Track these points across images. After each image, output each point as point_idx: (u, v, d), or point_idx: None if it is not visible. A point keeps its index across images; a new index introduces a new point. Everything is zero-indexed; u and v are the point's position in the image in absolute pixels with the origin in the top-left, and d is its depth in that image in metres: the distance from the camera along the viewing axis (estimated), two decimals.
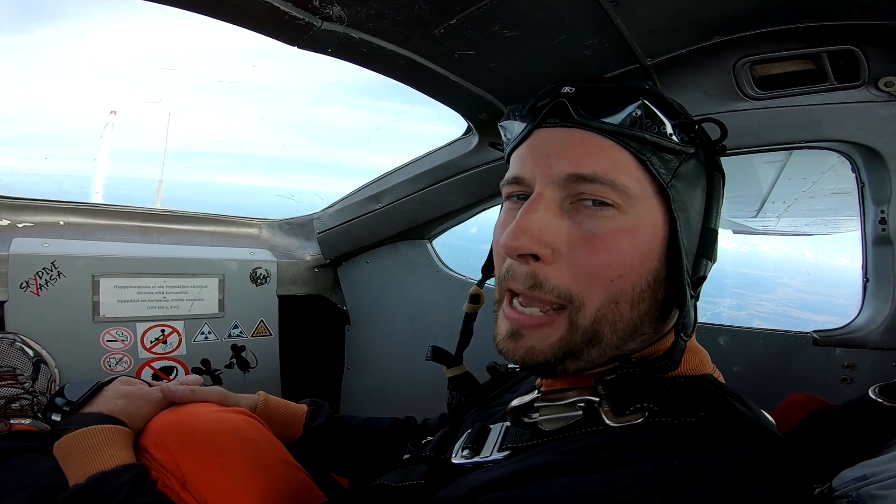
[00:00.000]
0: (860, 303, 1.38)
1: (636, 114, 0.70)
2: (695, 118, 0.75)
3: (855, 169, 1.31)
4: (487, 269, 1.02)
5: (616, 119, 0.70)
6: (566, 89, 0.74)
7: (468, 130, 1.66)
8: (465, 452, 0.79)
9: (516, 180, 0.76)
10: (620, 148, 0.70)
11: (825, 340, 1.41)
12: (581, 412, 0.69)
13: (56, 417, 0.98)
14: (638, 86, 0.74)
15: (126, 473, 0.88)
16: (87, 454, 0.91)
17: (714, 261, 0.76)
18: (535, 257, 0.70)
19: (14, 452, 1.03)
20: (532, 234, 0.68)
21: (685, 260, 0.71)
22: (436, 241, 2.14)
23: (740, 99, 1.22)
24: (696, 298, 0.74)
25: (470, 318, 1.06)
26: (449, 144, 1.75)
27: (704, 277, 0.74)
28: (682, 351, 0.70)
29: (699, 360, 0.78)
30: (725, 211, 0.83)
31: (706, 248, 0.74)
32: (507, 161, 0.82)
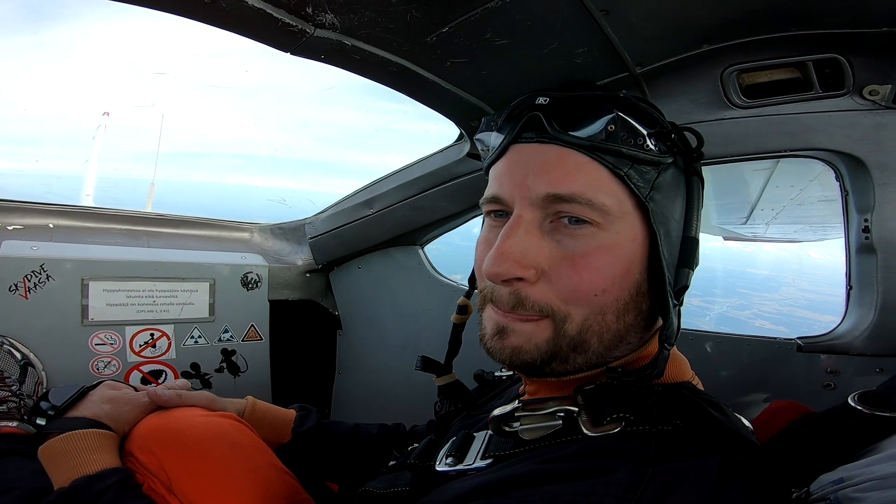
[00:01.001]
0: (843, 310, 1.40)
1: (610, 127, 0.70)
2: (672, 127, 0.75)
3: (839, 177, 1.33)
4: (474, 280, 1.02)
5: (591, 132, 0.70)
6: (540, 100, 0.74)
7: (460, 137, 1.66)
8: (449, 460, 0.79)
9: (495, 199, 0.76)
10: (597, 164, 0.70)
11: (809, 347, 1.43)
12: (560, 422, 0.70)
13: (41, 421, 0.97)
14: (614, 94, 0.73)
15: (110, 477, 0.88)
16: (71, 458, 0.90)
17: (695, 267, 0.77)
18: (520, 280, 0.70)
19: (1, 455, 1.02)
20: (514, 259, 0.69)
21: (667, 272, 0.72)
22: (437, 242, 2.14)
23: (727, 107, 1.23)
24: (680, 305, 0.75)
25: (458, 328, 1.07)
26: (441, 151, 1.76)
27: (687, 286, 0.75)
28: (665, 360, 0.71)
29: (678, 367, 0.79)
30: (715, 217, 0.84)
31: (687, 257, 0.75)
32: (486, 174, 0.82)
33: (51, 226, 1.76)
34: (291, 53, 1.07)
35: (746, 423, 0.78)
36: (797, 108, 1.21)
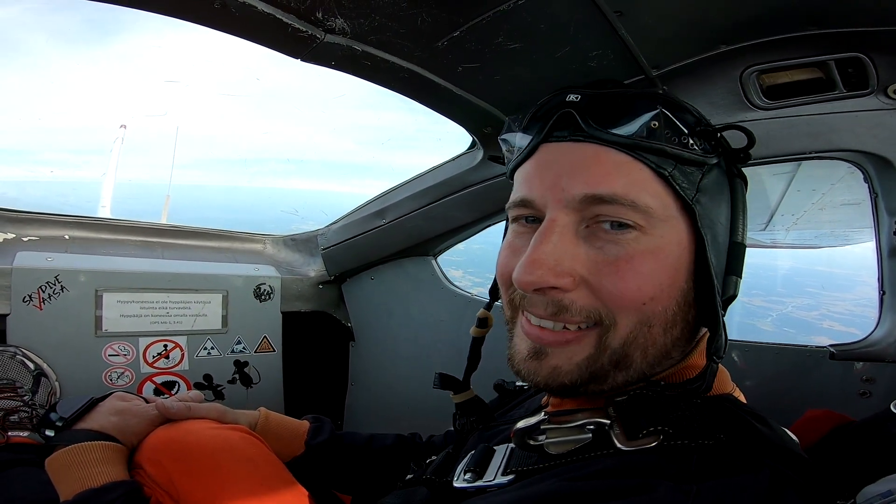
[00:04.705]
0: (877, 316, 1.35)
1: (653, 124, 0.65)
2: (717, 125, 0.70)
3: (867, 179, 1.28)
4: (495, 292, 0.98)
5: (631, 130, 0.65)
6: (571, 97, 0.69)
7: (473, 145, 1.65)
8: (468, 476, 0.75)
9: (524, 203, 0.71)
10: (639, 163, 0.65)
11: (842, 354, 1.37)
12: (590, 435, 0.65)
13: (50, 433, 0.96)
14: (652, 91, 0.70)
15: (116, 490, 0.86)
16: (77, 471, 0.89)
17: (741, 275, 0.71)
18: (554, 288, 0.66)
19: (9, 465, 1.02)
20: (548, 266, 0.64)
21: (716, 280, 0.66)
22: (471, 241, 2.11)
23: (748, 109, 1.20)
24: (724, 316, 0.69)
25: (478, 342, 1.02)
26: (454, 159, 1.75)
27: (735, 296, 0.68)
28: (714, 374, 0.66)
29: (719, 378, 0.73)
30: None
31: (735, 264, 0.69)
32: (510, 178, 0.77)
33: (66, 237, 1.77)
34: (302, 60, 1.07)
35: (793, 436, 0.73)
36: (821, 109, 1.17)
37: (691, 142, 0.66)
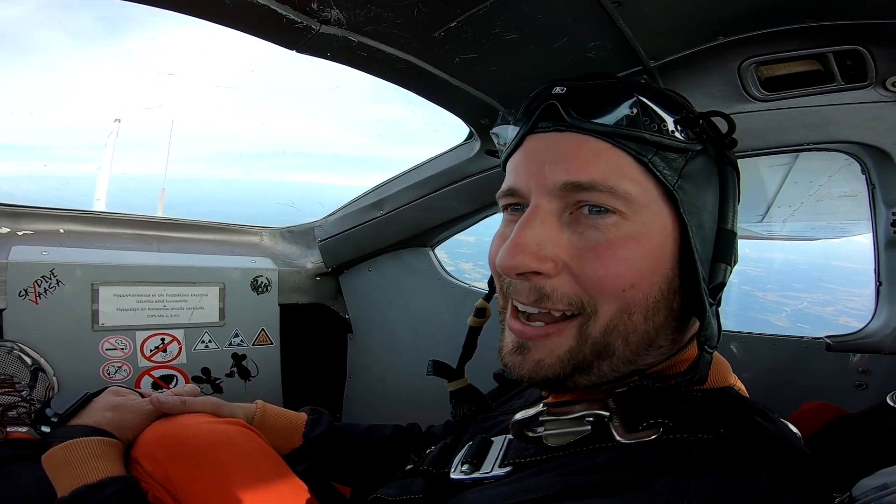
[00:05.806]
0: (873, 307, 1.35)
1: (632, 112, 0.66)
2: (700, 113, 0.70)
3: (865, 171, 1.28)
4: (493, 282, 0.99)
5: (611, 119, 0.66)
6: (557, 90, 0.70)
7: (470, 136, 1.64)
8: (465, 467, 0.75)
9: (511, 192, 0.72)
10: (619, 150, 0.66)
11: (839, 346, 1.38)
12: (589, 427, 0.65)
13: (45, 429, 0.96)
14: (634, 81, 0.69)
15: (111, 486, 0.86)
16: (73, 467, 0.89)
17: (734, 264, 0.71)
18: (537, 273, 0.66)
19: (7, 461, 1.01)
20: (530, 251, 0.65)
21: (700, 267, 0.66)
22: (483, 234, 2.10)
23: (746, 100, 1.19)
24: (718, 305, 0.69)
25: (474, 331, 1.03)
26: (451, 150, 1.74)
27: (724, 284, 0.69)
28: (707, 364, 0.65)
29: (719, 371, 0.73)
30: None
31: (723, 251, 0.69)
32: (504, 168, 0.78)
33: (61, 231, 1.76)
34: (297, 51, 1.06)
35: (794, 430, 0.73)
36: (819, 101, 1.16)
37: (673, 129, 0.67)
